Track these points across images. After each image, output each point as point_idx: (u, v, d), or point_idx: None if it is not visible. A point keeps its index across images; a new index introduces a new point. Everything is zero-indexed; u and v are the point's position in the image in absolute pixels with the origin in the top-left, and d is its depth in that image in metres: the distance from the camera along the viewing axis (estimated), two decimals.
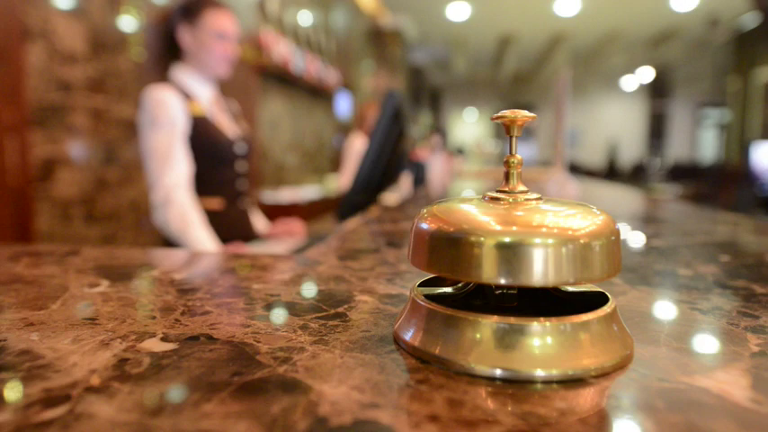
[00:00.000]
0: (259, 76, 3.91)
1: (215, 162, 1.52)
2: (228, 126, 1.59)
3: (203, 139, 1.48)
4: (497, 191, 0.33)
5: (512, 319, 0.28)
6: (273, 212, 4.01)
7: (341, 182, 3.79)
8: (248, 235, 1.61)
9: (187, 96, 1.48)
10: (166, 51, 1.53)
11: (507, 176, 0.33)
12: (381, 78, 7.56)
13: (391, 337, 0.34)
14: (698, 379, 0.28)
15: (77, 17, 2.19)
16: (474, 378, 0.28)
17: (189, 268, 0.55)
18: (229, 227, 1.54)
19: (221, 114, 1.60)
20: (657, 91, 13.61)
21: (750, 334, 0.35)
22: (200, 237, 1.37)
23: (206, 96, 1.55)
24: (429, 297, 0.34)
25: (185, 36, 1.49)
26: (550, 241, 0.28)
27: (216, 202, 1.53)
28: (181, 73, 1.52)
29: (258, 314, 0.39)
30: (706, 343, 0.34)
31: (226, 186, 1.57)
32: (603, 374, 0.28)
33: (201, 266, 0.55)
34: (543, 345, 0.28)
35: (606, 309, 0.31)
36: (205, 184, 1.51)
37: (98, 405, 0.25)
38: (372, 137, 1.43)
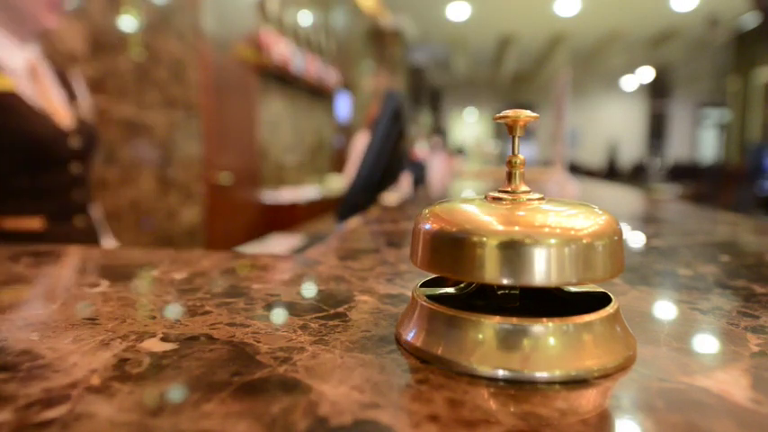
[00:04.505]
0: (259, 76, 3.91)
1: (33, 162, 1.05)
2: (58, 108, 1.11)
3: (13, 126, 1.01)
4: (499, 191, 0.33)
5: (514, 320, 0.28)
6: (274, 212, 4.01)
7: (346, 179, 3.78)
8: None
9: None
10: None
11: (510, 176, 0.33)
12: (381, 78, 7.56)
13: (391, 337, 0.34)
14: (698, 379, 0.28)
15: (77, 17, 2.19)
16: (474, 378, 0.28)
17: (189, 268, 0.55)
18: None
19: (47, 91, 1.10)
20: (657, 91, 13.61)
21: (750, 334, 0.35)
22: None
23: (19, 63, 1.06)
24: (431, 297, 0.34)
25: None
26: (553, 241, 0.28)
27: (35, 222, 1.06)
28: None
29: (258, 314, 0.39)
30: (706, 343, 0.34)
31: (51, 198, 1.09)
32: (606, 375, 0.28)
33: (201, 266, 0.55)
34: (546, 345, 0.28)
35: (609, 309, 0.31)
36: (16, 195, 1.05)
37: (98, 405, 0.25)
38: (372, 137, 1.43)
